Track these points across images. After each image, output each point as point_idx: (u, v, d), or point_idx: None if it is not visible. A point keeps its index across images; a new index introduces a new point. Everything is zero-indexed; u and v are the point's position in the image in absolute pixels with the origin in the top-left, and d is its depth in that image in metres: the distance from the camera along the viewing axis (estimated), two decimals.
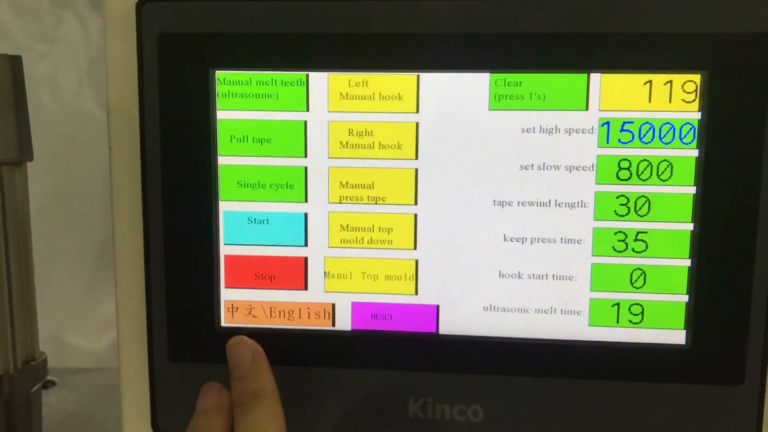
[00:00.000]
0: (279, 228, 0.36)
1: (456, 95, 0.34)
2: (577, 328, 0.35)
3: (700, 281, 0.34)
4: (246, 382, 0.33)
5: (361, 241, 0.36)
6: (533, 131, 0.34)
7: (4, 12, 0.83)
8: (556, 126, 0.34)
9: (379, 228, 0.36)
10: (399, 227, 0.36)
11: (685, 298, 0.34)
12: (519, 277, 0.35)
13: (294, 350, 0.36)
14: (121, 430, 0.39)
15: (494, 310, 0.35)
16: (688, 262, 0.34)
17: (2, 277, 0.37)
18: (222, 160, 0.36)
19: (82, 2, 0.86)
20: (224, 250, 0.36)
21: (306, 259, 0.36)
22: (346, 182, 0.36)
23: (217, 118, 0.35)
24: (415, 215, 0.35)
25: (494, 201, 0.35)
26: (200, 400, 0.34)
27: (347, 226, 0.36)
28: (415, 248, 0.36)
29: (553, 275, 0.35)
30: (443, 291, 0.36)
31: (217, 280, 0.36)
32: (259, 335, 0.35)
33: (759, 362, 0.34)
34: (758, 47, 0.32)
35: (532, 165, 0.34)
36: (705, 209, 0.34)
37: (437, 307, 0.36)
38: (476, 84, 0.34)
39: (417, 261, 0.36)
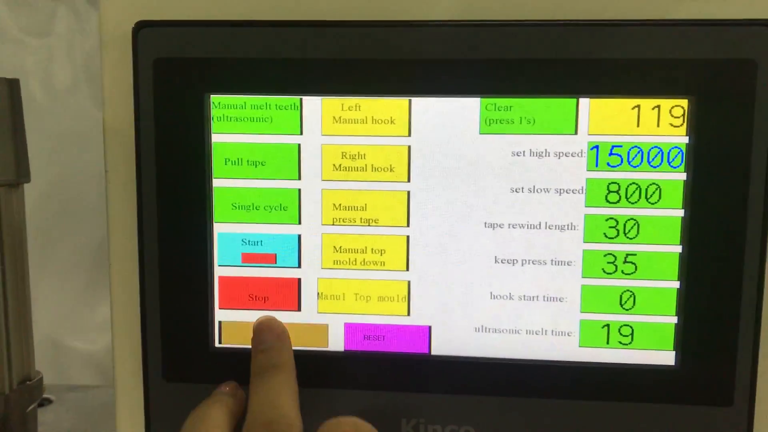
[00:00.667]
0: (273, 250, 0.36)
1: (447, 119, 0.35)
2: (567, 349, 0.35)
3: (688, 303, 0.34)
4: (268, 355, 0.34)
5: (353, 263, 0.36)
6: (523, 155, 0.35)
7: None
8: (545, 149, 0.35)
9: (372, 249, 0.36)
10: (391, 249, 0.36)
11: (674, 319, 0.35)
12: (510, 298, 0.36)
13: None
14: None
15: (486, 331, 0.36)
16: (676, 284, 0.35)
17: None
18: (216, 183, 0.36)
19: None
20: (218, 272, 0.37)
21: (299, 280, 0.36)
22: (339, 204, 0.36)
23: (212, 141, 0.36)
24: (407, 237, 0.36)
25: (485, 223, 0.35)
26: (217, 388, 0.36)
27: (340, 247, 0.36)
28: (407, 270, 0.36)
29: (544, 297, 0.35)
30: (435, 312, 0.36)
31: (212, 301, 0.37)
32: None
33: (748, 383, 0.34)
34: (743, 73, 0.33)
35: (523, 188, 0.35)
36: (693, 232, 0.34)
37: (429, 327, 0.36)
38: (467, 108, 0.35)
39: (409, 282, 0.36)
